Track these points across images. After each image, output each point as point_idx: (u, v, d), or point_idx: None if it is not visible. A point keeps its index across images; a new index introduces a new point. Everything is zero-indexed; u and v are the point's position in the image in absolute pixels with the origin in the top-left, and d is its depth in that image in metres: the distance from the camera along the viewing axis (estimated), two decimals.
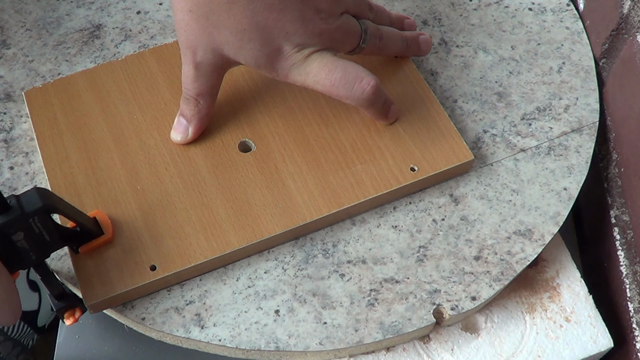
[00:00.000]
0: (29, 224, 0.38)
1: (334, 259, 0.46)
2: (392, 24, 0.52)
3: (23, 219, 0.38)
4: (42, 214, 0.38)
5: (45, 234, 0.39)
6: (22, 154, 0.51)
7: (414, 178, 0.48)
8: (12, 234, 0.38)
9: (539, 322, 0.47)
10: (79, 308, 0.43)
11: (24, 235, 0.38)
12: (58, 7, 0.59)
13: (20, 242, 0.38)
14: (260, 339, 0.43)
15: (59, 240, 0.41)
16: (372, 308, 0.44)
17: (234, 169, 0.48)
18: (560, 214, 0.48)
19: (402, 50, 0.52)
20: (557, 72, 0.55)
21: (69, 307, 0.43)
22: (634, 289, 0.48)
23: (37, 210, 0.38)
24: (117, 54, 0.56)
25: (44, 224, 0.39)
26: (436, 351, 0.45)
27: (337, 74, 0.45)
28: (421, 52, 0.54)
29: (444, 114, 0.50)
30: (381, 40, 0.50)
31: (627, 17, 0.50)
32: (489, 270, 0.46)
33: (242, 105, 0.51)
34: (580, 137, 0.52)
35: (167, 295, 0.45)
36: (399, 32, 0.52)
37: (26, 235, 0.38)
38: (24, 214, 0.38)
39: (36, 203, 0.38)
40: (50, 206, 0.39)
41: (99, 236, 0.44)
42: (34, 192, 0.38)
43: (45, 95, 0.52)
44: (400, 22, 0.54)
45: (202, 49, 0.45)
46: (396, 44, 0.52)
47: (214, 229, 0.45)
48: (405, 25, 0.54)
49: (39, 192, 0.38)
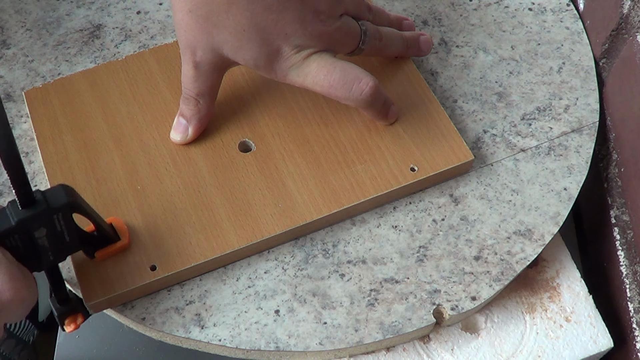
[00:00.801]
0: (52, 220, 0.38)
1: (334, 259, 0.46)
2: (391, 24, 0.52)
3: (48, 214, 0.37)
4: (67, 210, 0.38)
5: (66, 234, 0.39)
6: (22, 154, 0.50)
7: (414, 178, 0.48)
8: (35, 229, 0.37)
9: (539, 322, 0.47)
10: (81, 314, 0.43)
11: (46, 232, 0.38)
12: (58, 7, 0.59)
13: (41, 239, 0.38)
14: (260, 339, 0.43)
15: (77, 242, 0.41)
16: (372, 308, 0.44)
17: (234, 169, 0.48)
18: (560, 214, 0.48)
19: (402, 51, 0.52)
20: (557, 72, 0.55)
21: (71, 313, 0.42)
22: (634, 289, 0.48)
23: (63, 206, 0.38)
24: (117, 54, 0.56)
25: (66, 222, 0.39)
26: (436, 351, 0.45)
27: (335, 75, 0.45)
28: (421, 52, 0.54)
29: (444, 114, 0.50)
30: (381, 41, 0.50)
31: (627, 17, 0.50)
32: (489, 270, 0.46)
33: (242, 105, 0.51)
34: (580, 137, 0.52)
35: (167, 295, 0.45)
36: (399, 33, 0.52)
37: (48, 232, 0.38)
38: (50, 209, 0.37)
39: (62, 199, 0.38)
40: (76, 203, 0.38)
41: (115, 242, 0.44)
42: (60, 189, 0.38)
43: (45, 95, 0.52)
44: (399, 23, 0.53)
45: (202, 49, 0.45)
46: (396, 44, 0.51)
47: (214, 229, 0.45)
48: (404, 26, 0.54)
49: (65, 188, 0.38)
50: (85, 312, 0.43)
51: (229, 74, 0.51)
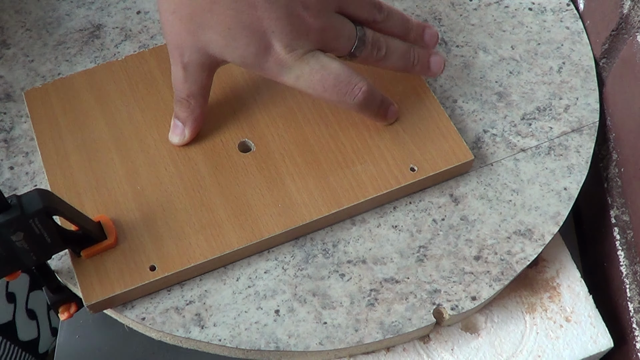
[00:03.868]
0: (28, 225, 0.38)
1: (334, 259, 0.46)
2: (408, 30, 0.48)
3: (22, 220, 0.38)
4: (43, 215, 0.38)
5: (47, 236, 0.39)
6: (22, 154, 0.51)
7: (414, 178, 0.48)
8: (11, 234, 0.38)
9: (539, 322, 0.47)
10: (75, 303, 0.43)
11: (23, 236, 0.38)
12: (58, 7, 0.59)
13: (19, 242, 0.38)
14: (260, 339, 0.43)
15: (61, 243, 0.41)
16: (372, 308, 0.44)
17: (234, 169, 0.48)
18: (560, 214, 0.48)
19: (405, 68, 0.49)
20: (557, 72, 0.55)
21: (65, 301, 0.43)
22: (634, 289, 0.48)
23: (37, 211, 0.38)
24: (117, 54, 0.56)
25: (45, 226, 0.39)
26: (436, 351, 0.45)
27: (329, 79, 0.44)
28: (430, 73, 0.50)
29: (444, 114, 0.50)
30: (380, 51, 0.47)
31: (627, 17, 0.50)
32: (489, 270, 0.46)
33: (242, 105, 0.51)
34: (580, 137, 0.52)
35: (167, 295, 0.45)
36: (407, 48, 0.48)
37: (26, 235, 0.38)
38: (24, 215, 0.38)
39: (37, 204, 0.38)
40: (51, 208, 0.38)
41: (101, 240, 0.44)
42: (35, 193, 0.38)
43: (45, 95, 0.52)
44: (420, 31, 0.49)
45: (189, 50, 0.44)
46: (400, 60, 0.48)
47: (214, 229, 0.45)
48: (425, 36, 0.49)
49: (40, 193, 0.38)
50: (79, 300, 0.43)
51: (229, 73, 0.51)
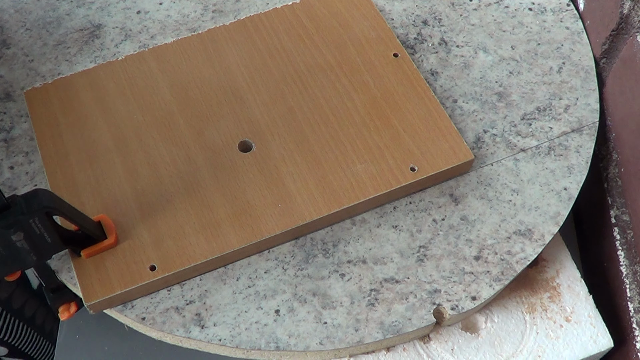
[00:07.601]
0: (29, 225, 0.38)
1: (334, 259, 0.46)
2: None
3: (23, 220, 0.38)
4: (43, 215, 0.38)
5: (47, 236, 0.39)
6: (22, 154, 0.50)
7: (414, 178, 0.48)
8: (11, 234, 0.38)
9: (539, 322, 0.47)
10: (75, 303, 0.43)
11: (23, 236, 0.38)
12: (58, 7, 0.59)
13: (20, 242, 0.38)
14: (260, 339, 0.43)
15: (61, 243, 0.41)
16: (372, 308, 0.44)
17: (234, 169, 0.48)
18: (560, 214, 0.48)
19: None
20: (557, 72, 0.55)
21: (65, 301, 0.43)
22: (634, 289, 0.48)
23: (37, 211, 0.38)
24: (117, 54, 0.56)
25: (45, 226, 0.39)
26: (436, 351, 0.45)
27: None
28: None
29: (444, 114, 0.50)
30: None
31: (627, 17, 0.50)
32: (489, 270, 0.46)
33: (242, 105, 0.51)
34: (580, 137, 0.52)
35: (167, 295, 0.45)
36: None
37: (26, 235, 0.38)
38: (24, 215, 0.38)
39: (37, 204, 0.38)
40: (51, 208, 0.38)
41: (101, 240, 0.44)
42: (35, 194, 0.38)
43: (45, 95, 0.52)
44: None
45: None
46: None
47: (214, 229, 0.45)
48: None
49: (40, 193, 0.38)
50: (79, 300, 0.43)
51: (229, 73, 0.51)
